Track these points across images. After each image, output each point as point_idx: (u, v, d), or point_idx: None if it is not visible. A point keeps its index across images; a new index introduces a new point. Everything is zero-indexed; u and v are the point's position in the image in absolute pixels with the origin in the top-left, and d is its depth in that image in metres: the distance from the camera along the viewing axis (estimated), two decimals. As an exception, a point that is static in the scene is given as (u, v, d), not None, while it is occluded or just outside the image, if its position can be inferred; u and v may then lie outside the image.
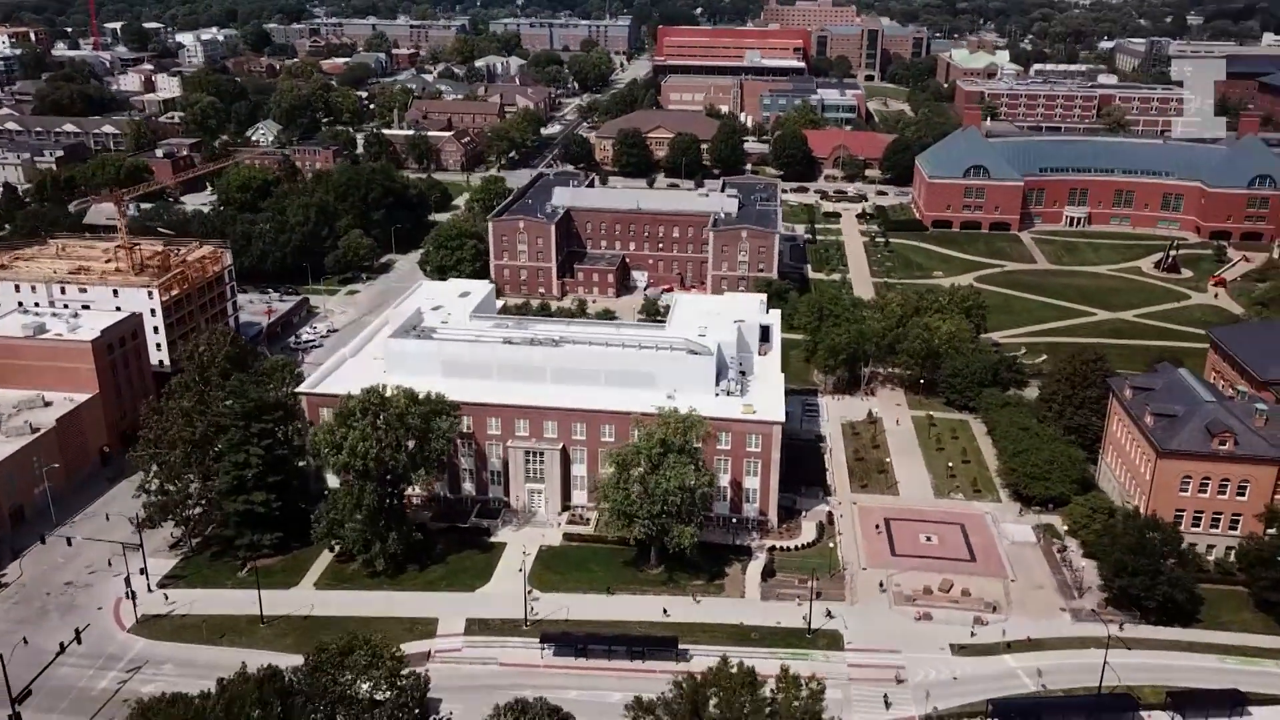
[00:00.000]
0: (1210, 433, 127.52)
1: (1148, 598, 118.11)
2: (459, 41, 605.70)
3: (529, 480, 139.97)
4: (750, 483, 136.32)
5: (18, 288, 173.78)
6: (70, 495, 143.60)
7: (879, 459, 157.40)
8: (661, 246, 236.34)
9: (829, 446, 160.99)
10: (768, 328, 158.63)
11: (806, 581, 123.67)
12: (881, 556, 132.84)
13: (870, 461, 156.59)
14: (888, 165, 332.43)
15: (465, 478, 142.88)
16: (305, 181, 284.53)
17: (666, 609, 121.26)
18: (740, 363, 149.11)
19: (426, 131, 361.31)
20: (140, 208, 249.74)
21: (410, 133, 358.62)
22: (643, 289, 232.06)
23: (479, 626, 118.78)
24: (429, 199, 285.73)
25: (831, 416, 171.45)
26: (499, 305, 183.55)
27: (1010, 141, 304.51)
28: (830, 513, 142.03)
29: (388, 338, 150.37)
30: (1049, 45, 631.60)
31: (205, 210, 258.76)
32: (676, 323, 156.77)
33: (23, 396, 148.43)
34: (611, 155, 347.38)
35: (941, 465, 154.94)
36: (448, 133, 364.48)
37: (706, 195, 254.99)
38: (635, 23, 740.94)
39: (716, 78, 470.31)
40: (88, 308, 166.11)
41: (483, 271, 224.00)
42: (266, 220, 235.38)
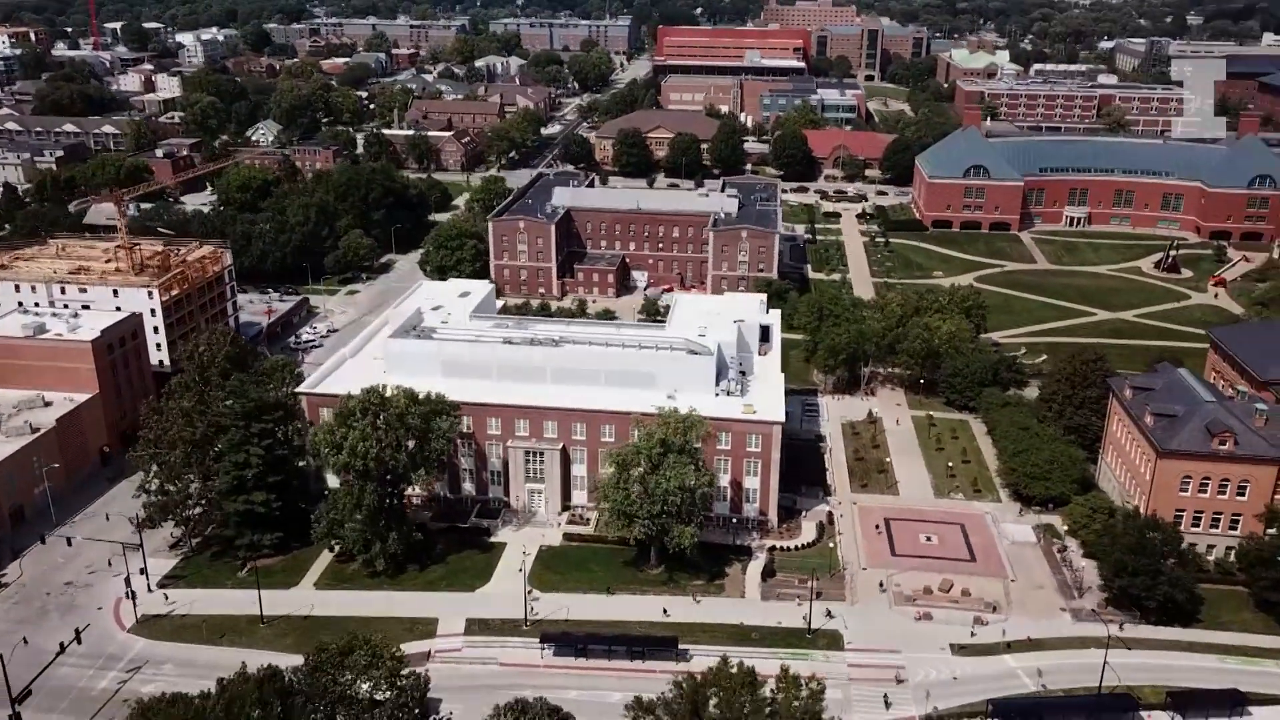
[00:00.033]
0: (1210, 433, 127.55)
1: (1148, 598, 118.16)
2: (459, 41, 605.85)
3: (529, 480, 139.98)
4: (750, 483, 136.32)
5: (18, 288, 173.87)
6: (70, 495, 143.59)
7: (879, 459, 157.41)
8: (661, 246, 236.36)
9: (829, 446, 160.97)
10: (768, 328, 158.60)
11: (806, 581, 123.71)
12: (881, 556, 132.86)
13: (870, 461, 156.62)
14: (888, 165, 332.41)
15: (465, 478, 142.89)
16: (305, 181, 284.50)
17: (666, 609, 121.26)
18: (740, 363, 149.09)
19: (426, 131, 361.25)
20: (140, 208, 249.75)
21: (410, 133, 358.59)
22: (643, 289, 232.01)
23: (479, 626, 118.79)
24: (429, 199, 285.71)
25: (831, 416, 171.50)
26: (499, 305, 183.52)
27: (1010, 141, 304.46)
28: (830, 513, 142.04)
29: (388, 338, 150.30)
30: (1049, 45, 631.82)
31: (205, 210, 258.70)
32: (676, 323, 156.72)
33: (23, 396, 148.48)
34: (611, 155, 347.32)
35: (941, 465, 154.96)
36: (448, 133, 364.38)
37: (706, 195, 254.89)
38: (635, 23, 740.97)
39: (716, 78, 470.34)
40: (88, 308, 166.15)
41: (483, 271, 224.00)
42: (266, 220, 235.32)
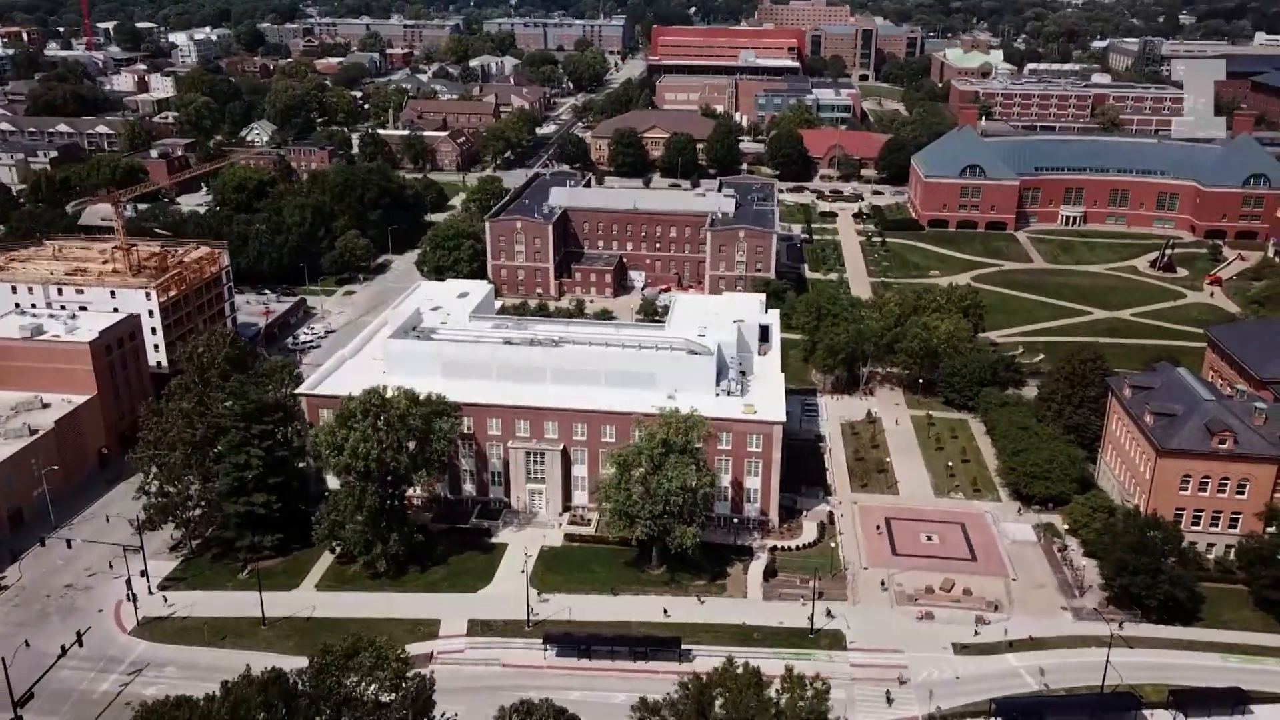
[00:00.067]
0: (1210, 431, 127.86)
1: (1149, 596, 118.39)
2: (453, 41, 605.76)
3: (530, 481, 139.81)
4: (751, 483, 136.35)
5: (15, 289, 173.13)
6: (69, 497, 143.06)
7: (879, 459, 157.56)
8: (659, 246, 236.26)
9: (829, 446, 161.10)
10: (767, 328, 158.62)
11: (808, 581, 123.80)
12: (883, 556, 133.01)
13: (870, 461, 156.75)
14: (883, 165, 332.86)
15: (466, 479, 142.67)
16: (301, 182, 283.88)
17: (668, 609, 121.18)
18: (740, 363, 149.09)
19: (421, 131, 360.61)
20: (137, 208, 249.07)
21: (405, 133, 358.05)
22: (640, 289, 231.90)
23: (481, 628, 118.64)
24: (425, 199, 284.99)
25: (831, 416, 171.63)
26: (497, 306, 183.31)
27: (1005, 141, 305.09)
28: (831, 512, 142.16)
29: (387, 338, 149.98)
30: (1042, 45, 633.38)
31: (201, 211, 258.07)
32: (676, 323, 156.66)
33: (21, 398, 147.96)
34: (607, 155, 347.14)
35: (941, 465, 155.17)
36: (443, 133, 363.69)
37: (703, 195, 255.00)
38: (630, 22, 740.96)
39: (711, 77, 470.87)
40: (85, 309, 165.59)
41: (480, 272, 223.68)
42: (263, 221, 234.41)
